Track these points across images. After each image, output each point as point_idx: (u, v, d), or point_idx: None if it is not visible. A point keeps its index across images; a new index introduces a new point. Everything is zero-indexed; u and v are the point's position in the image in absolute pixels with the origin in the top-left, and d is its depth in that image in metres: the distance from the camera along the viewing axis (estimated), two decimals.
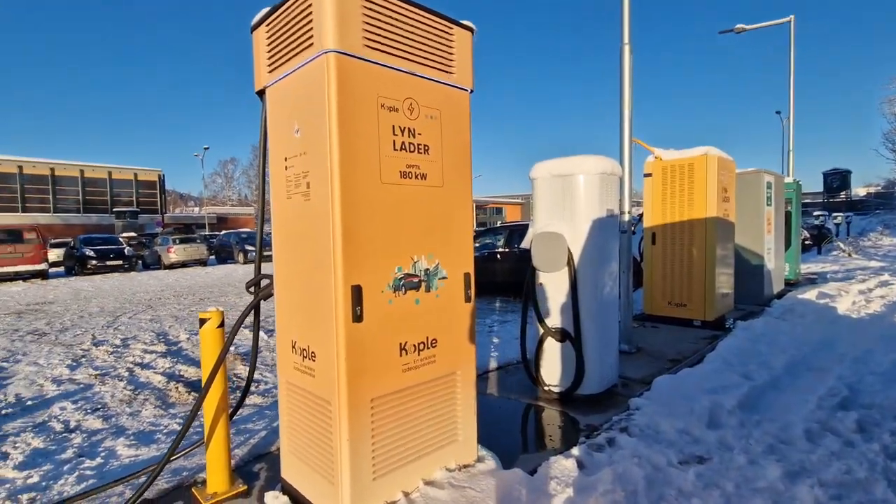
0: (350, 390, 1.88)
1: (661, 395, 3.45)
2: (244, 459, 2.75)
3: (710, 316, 5.71)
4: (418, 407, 2.15)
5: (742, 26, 12.84)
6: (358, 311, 1.88)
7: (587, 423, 3.15)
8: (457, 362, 2.31)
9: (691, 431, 2.93)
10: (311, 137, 1.93)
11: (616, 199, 3.69)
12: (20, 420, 3.85)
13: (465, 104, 2.31)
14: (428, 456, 2.19)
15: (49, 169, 38.86)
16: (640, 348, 4.89)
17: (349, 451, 1.88)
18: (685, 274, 5.85)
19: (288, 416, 2.24)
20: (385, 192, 1.98)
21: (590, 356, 3.49)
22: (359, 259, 1.89)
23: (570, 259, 3.45)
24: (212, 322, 2.33)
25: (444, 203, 2.22)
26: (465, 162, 2.32)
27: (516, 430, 3.16)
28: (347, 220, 1.85)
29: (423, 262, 2.14)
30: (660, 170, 5.96)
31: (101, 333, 7.16)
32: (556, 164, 3.54)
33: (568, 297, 3.51)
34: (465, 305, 2.34)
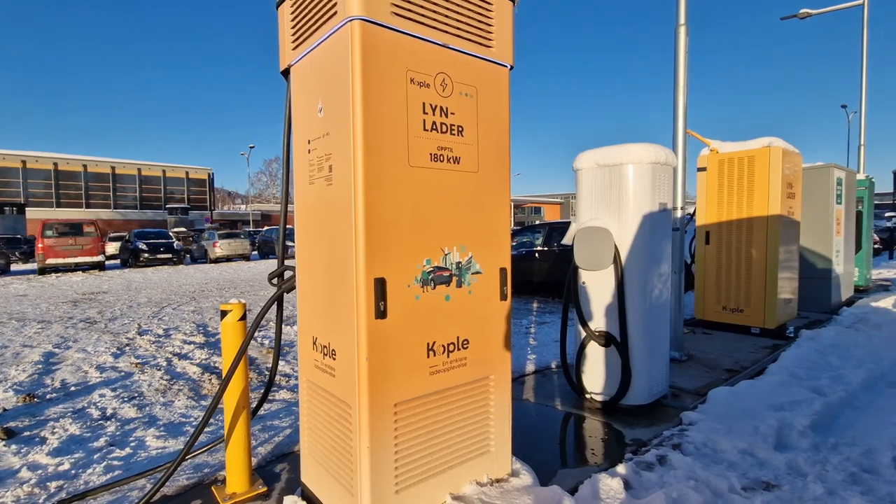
0: (371, 393, 1.71)
1: (719, 410, 3.11)
2: (267, 458, 2.64)
3: (771, 323, 5.22)
4: (447, 414, 1.95)
5: (807, 11, 11.86)
6: (381, 306, 1.71)
7: (634, 438, 2.86)
8: (490, 366, 2.10)
9: (756, 453, 2.59)
10: (334, 116, 1.77)
11: (669, 193, 3.36)
12: (62, 405, 3.93)
13: (505, 82, 2.10)
14: (457, 468, 1.99)
15: (110, 167, 41.34)
16: (692, 356, 4.51)
17: (369, 459, 1.71)
18: (743, 277, 5.37)
19: (308, 418, 2.10)
20: (414, 176, 1.79)
21: (637, 363, 3.19)
22: (383, 249, 1.72)
23: (617, 256, 3.16)
24: (233, 314, 2.22)
25: (478, 190, 2.01)
26: (504, 146, 2.10)
27: (554, 441, 2.91)
28: (371, 205, 1.68)
29: (455, 255, 1.94)
30: (716, 163, 5.50)
31: (146, 323, 7.39)
32: (602, 153, 3.26)
33: (613, 297, 3.22)
34: (500, 304, 2.12)
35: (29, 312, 8.63)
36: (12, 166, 37.90)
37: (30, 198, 37.22)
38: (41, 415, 3.72)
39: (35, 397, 4.12)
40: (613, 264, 3.18)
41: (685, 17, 4.26)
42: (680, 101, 4.31)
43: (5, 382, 4.54)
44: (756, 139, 5.24)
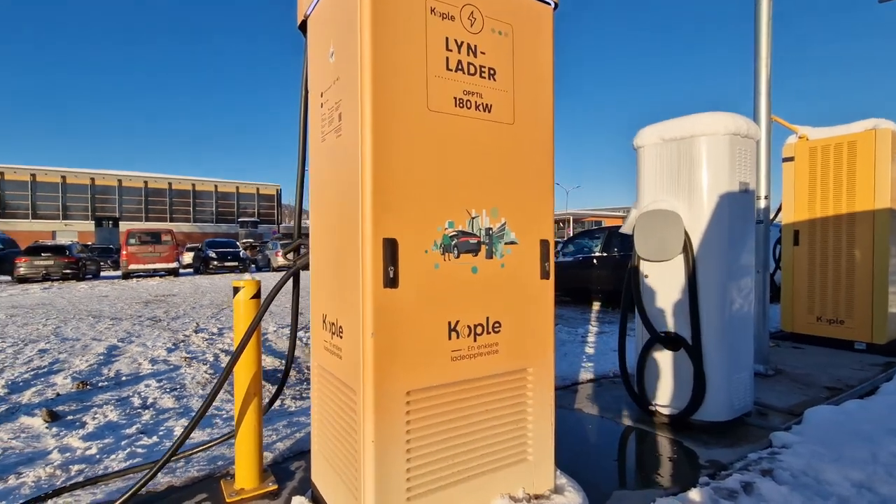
0: (378, 376, 1.43)
1: (821, 432, 2.52)
2: (284, 455, 2.43)
3: (881, 338, 4.39)
4: (474, 410, 1.63)
5: None
6: (391, 272, 1.43)
7: (710, 459, 2.36)
8: (528, 356, 1.75)
9: (877, 488, 2.02)
10: (344, 58, 1.55)
11: (752, 172, 2.85)
12: (110, 393, 4.00)
13: (547, 21, 1.79)
14: (485, 477, 1.65)
15: (191, 185, 44.90)
16: (781, 370, 3.84)
17: (374, 457, 1.42)
18: (843, 283, 4.59)
19: (318, 409, 1.86)
20: (434, 122, 1.52)
21: (713, 371, 2.69)
22: (395, 205, 1.45)
23: (688, 244, 2.70)
24: (246, 291, 2.04)
25: (514, 146, 1.70)
26: (546, 96, 1.78)
27: (610, 457, 2.47)
28: (380, 151, 1.42)
29: (485, 220, 1.64)
30: (805, 152, 4.79)
31: (204, 322, 7.62)
32: (669, 126, 2.83)
33: (683, 293, 2.75)
34: (541, 283, 1.78)
35: (105, 311, 9.24)
36: (110, 185, 42.16)
37: (124, 213, 41.15)
38: (88, 401, 3.79)
39: (88, 384, 4.23)
40: (683, 253, 2.72)
41: None
42: (762, 73, 3.75)
43: (68, 370, 4.73)
44: (856, 122, 4.50)
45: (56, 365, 4.98)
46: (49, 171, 41.03)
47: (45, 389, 4.09)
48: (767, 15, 3.71)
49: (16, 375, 4.52)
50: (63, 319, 8.12)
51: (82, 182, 41.61)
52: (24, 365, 4.95)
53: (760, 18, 3.73)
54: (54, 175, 41.04)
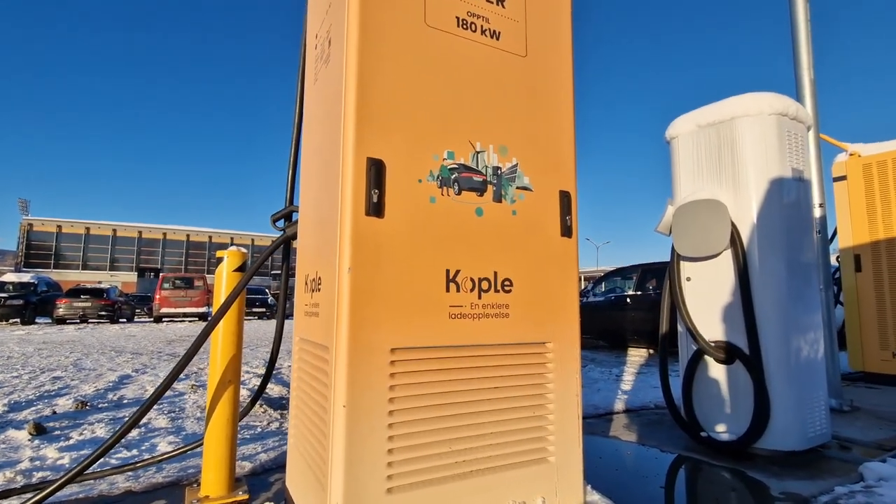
0: (354, 322, 1.14)
1: None
2: (266, 466, 2.09)
3: None
4: (479, 385, 1.30)
5: None
6: (375, 195, 1.19)
7: (785, 491, 1.88)
8: (547, 327, 1.43)
9: None
10: None
11: (805, 160, 2.53)
12: (105, 413, 3.77)
13: None
14: (493, 475, 1.29)
15: (230, 238, 46.75)
16: (858, 407, 3.25)
17: (345, 425, 1.11)
18: None
19: (295, 392, 1.56)
20: (431, 39, 1.33)
21: (779, 389, 2.23)
22: (383, 123, 1.23)
23: (736, 236, 2.35)
24: (229, 262, 1.83)
25: (527, 81, 1.49)
26: (563, 31, 1.58)
27: (655, 484, 2.00)
28: (367, 61, 1.23)
29: (492, 156, 1.40)
30: (859, 169, 4.39)
31: None
32: (705, 111, 2.58)
33: (734, 294, 2.36)
34: (561, 240, 1.49)
35: (129, 347, 9.22)
36: (155, 237, 44.40)
37: (165, 264, 42.92)
38: (82, 419, 3.56)
39: (88, 405, 4.02)
40: (731, 247, 2.37)
41: None
42: (805, 78, 3.49)
43: (74, 393, 4.56)
44: None
45: (64, 389, 4.83)
46: (102, 224, 43.72)
47: (44, 408, 3.90)
48: (805, 17, 3.51)
49: (22, 397, 4.37)
50: (86, 353, 8.11)
51: (130, 235, 44.00)
52: (35, 389, 4.82)
53: (798, 22, 3.53)
54: (106, 228, 43.64)
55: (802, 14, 3.50)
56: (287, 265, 1.98)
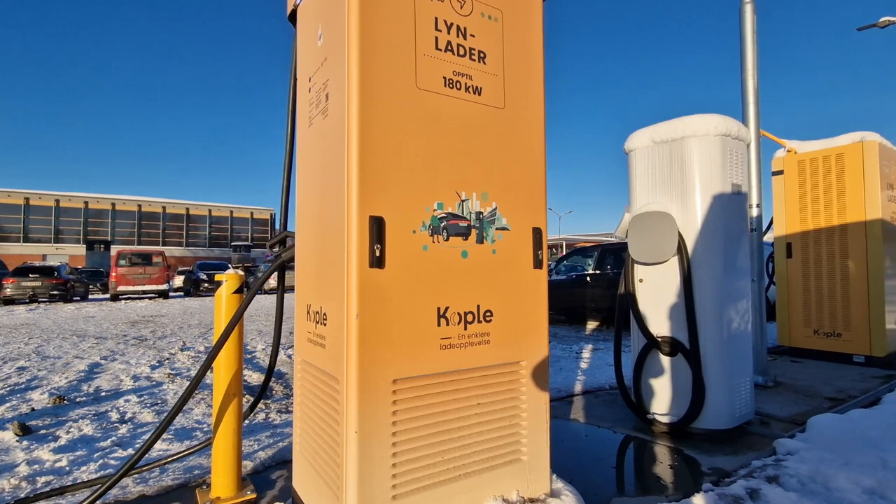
0: (363, 361, 1.34)
1: (827, 439, 2.43)
2: (266, 463, 2.30)
3: (880, 351, 4.33)
4: (464, 403, 1.54)
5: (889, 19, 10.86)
6: (377, 251, 1.37)
7: (713, 466, 2.26)
8: (521, 348, 1.68)
9: (889, 494, 1.93)
10: (331, 37, 1.52)
11: (744, 175, 2.85)
12: (87, 408, 3.83)
13: (537, 8, 1.79)
14: (476, 477, 1.55)
15: (185, 209, 44.84)
16: (780, 382, 3.76)
17: (357, 449, 1.32)
18: (839, 295, 4.56)
19: (300, 406, 1.75)
20: (422, 101, 1.49)
21: (712, 377, 2.60)
22: (382, 183, 1.40)
23: (682, 245, 2.66)
24: (228, 285, 1.96)
25: (505, 130, 1.67)
26: (536, 82, 1.76)
27: (607, 465, 2.35)
28: (367, 126, 1.38)
29: (475, 203, 1.59)
30: (794, 165, 4.83)
31: (190, 341, 7.44)
32: (659, 129, 2.83)
33: (679, 296, 2.69)
34: (533, 272, 1.72)
35: (90, 330, 9.02)
36: (103, 208, 42.01)
37: (116, 236, 40.88)
38: (64, 415, 3.62)
39: (66, 400, 4.06)
40: (678, 255, 2.68)
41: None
42: (749, 85, 3.80)
43: (46, 387, 4.55)
44: (844, 135, 4.56)
45: (34, 382, 4.79)
46: (43, 194, 40.90)
47: (20, 405, 3.92)
48: (752, 28, 3.79)
49: None
50: (46, 339, 7.90)
51: (75, 206, 41.45)
52: (1, 382, 4.76)
53: (745, 33, 3.81)
54: (48, 199, 40.89)
55: (750, 26, 3.77)
56: (282, 286, 2.13)
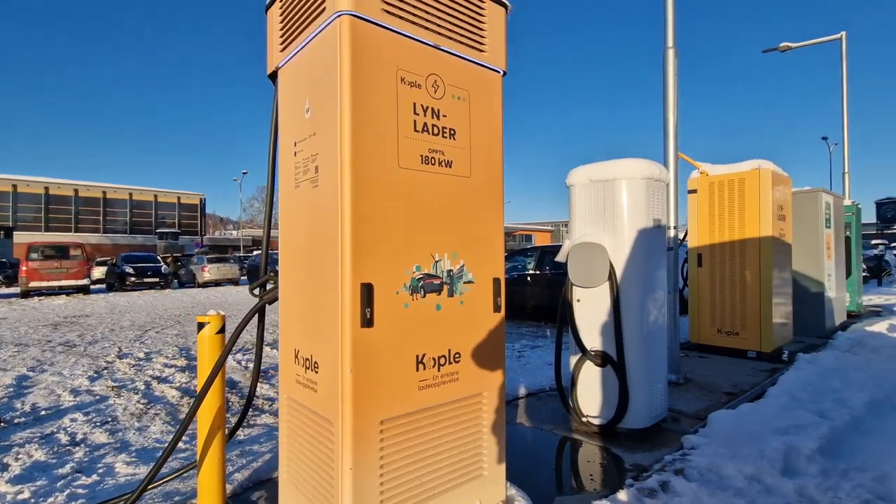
0: (356, 408, 1.58)
1: (722, 433, 2.98)
2: (244, 485, 2.46)
3: (768, 347, 5.14)
4: (437, 433, 1.82)
5: (788, 44, 12.29)
6: (368, 313, 1.60)
7: (634, 463, 2.72)
8: (483, 382, 1.98)
9: (763, 478, 2.46)
10: (321, 115, 1.71)
11: (664, 209, 3.32)
12: (29, 430, 3.70)
13: (497, 87, 2.06)
14: (447, 493, 1.84)
15: (101, 192, 41.13)
16: (690, 379, 4.39)
17: (352, 482, 1.57)
18: (737, 300, 5.32)
19: (288, 439, 1.95)
20: (403, 178, 1.72)
21: (635, 384, 3.07)
22: (370, 253, 1.63)
23: (613, 273, 3.09)
24: (211, 327, 2.09)
25: (471, 196, 1.94)
26: (496, 152, 2.05)
27: (550, 466, 2.75)
28: (358, 205, 1.59)
29: (446, 262, 1.85)
30: (706, 186, 5.52)
31: (127, 346, 7.13)
32: (596, 169, 3.23)
33: (609, 315, 3.13)
34: (493, 316, 2.02)
35: (6, 336, 8.32)
36: (3, 190, 37.58)
37: (19, 222, 36.77)
38: (6, 440, 3.49)
39: (2, 421, 3.88)
40: (608, 281, 3.10)
41: (673, 40, 4.34)
42: (670, 120, 4.34)
43: None
44: (745, 161, 5.28)
45: None
46: None
47: None
48: (674, 71, 4.30)
49: None
50: None
51: None
52: None
53: (668, 75, 4.32)
54: None
55: (672, 69, 4.28)
56: (262, 325, 2.28)
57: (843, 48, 11.51)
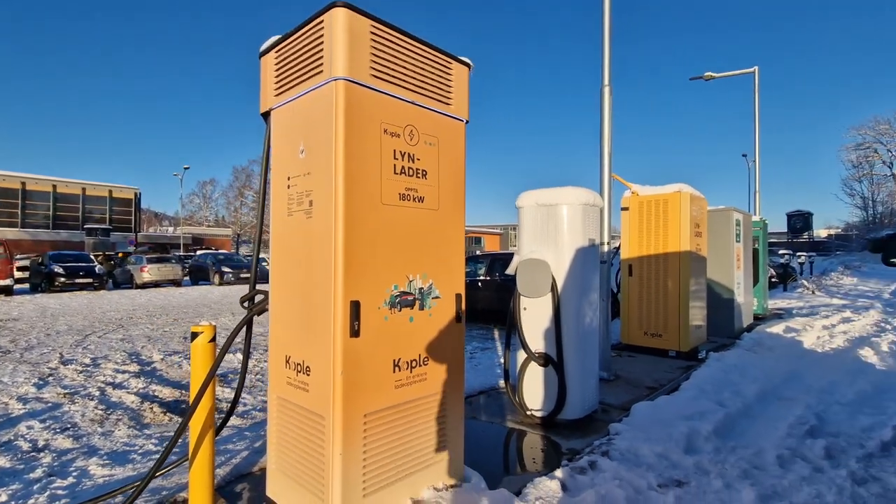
0: (345, 404, 1.91)
1: (640, 421, 3.54)
2: (225, 479, 2.69)
3: (685, 347, 5.89)
4: (409, 424, 2.18)
5: (710, 74, 13.71)
6: (356, 325, 1.94)
7: (569, 447, 3.20)
8: (446, 381, 2.37)
9: (669, 456, 3.01)
10: (315, 158, 2.03)
11: (598, 230, 3.86)
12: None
13: (461, 133, 2.45)
14: (417, 474, 2.21)
15: (20, 183, 37.75)
16: (619, 376, 5.00)
17: (341, 466, 1.90)
18: (661, 305, 6.04)
19: (277, 433, 2.24)
20: (385, 213, 2.07)
21: (572, 382, 3.58)
22: (358, 275, 1.97)
23: (554, 285, 3.58)
24: (204, 336, 2.33)
25: (439, 225, 2.32)
26: (460, 187, 2.44)
27: (499, 453, 3.18)
28: (349, 237, 1.93)
29: (418, 281, 2.22)
30: (636, 204, 6.23)
31: (69, 352, 6.90)
32: (541, 194, 3.71)
33: (551, 322, 3.61)
34: (455, 325, 2.41)
35: None
36: None
37: None
38: None
39: None
40: (551, 292, 3.59)
41: (609, 79, 4.94)
42: (605, 149, 4.93)
43: None
44: (669, 185, 6.02)
45: None
46: None
47: None
48: (608, 106, 4.90)
49: None
50: None
51: None
52: None
53: (604, 110, 4.92)
54: None
55: (607, 104, 4.88)
56: (249, 335, 2.53)
57: (755, 80, 13.01)
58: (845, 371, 5.17)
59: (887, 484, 2.75)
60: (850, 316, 9.01)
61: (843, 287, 16.73)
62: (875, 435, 3.36)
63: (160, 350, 7.00)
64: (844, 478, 2.76)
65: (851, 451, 3.14)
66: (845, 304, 11.36)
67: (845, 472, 2.84)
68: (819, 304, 11.71)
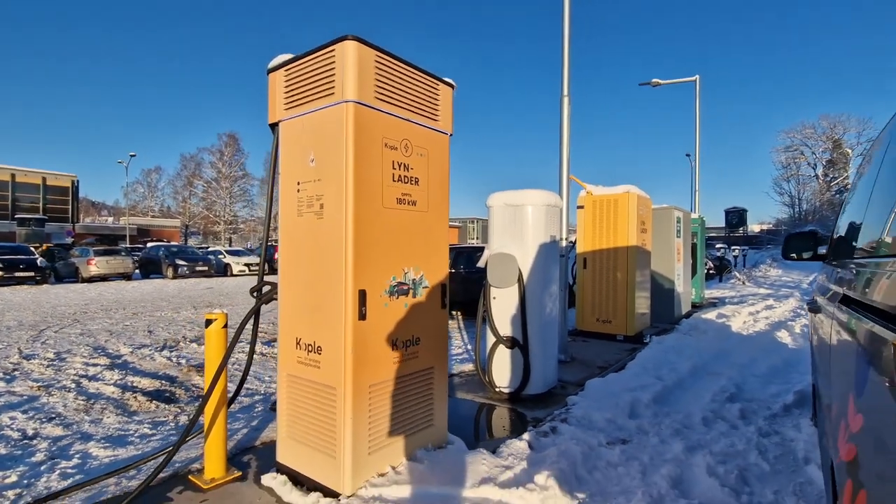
0: (354, 377, 2.28)
1: (593, 394, 4.08)
2: (232, 452, 2.97)
3: (631, 332, 6.57)
4: (405, 394, 2.57)
5: (657, 81, 14.73)
6: (363, 311, 2.30)
7: (533, 417, 3.69)
8: (434, 358, 2.77)
9: (616, 420, 3.55)
10: (326, 167, 2.35)
11: (558, 227, 4.36)
12: None
13: (446, 145, 2.84)
14: (410, 437, 2.60)
15: None
16: (574, 358, 5.58)
17: (352, 428, 2.26)
18: (611, 295, 6.69)
19: (288, 406, 2.57)
20: (385, 215, 2.43)
21: (535, 362, 4.07)
22: (364, 268, 2.32)
23: (521, 277, 4.04)
24: (217, 323, 2.61)
25: (428, 225, 2.70)
26: (445, 192, 2.83)
27: (474, 422, 3.62)
28: (357, 236, 2.28)
29: (412, 273, 2.60)
30: (591, 203, 6.83)
31: (27, 347, 6.75)
32: (508, 195, 4.16)
33: (517, 310, 4.08)
34: (441, 311, 2.81)
35: None
36: None
37: None
38: None
39: None
40: (518, 283, 4.05)
41: (568, 89, 5.45)
42: (564, 154, 5.45)
43: None
44: (619, 186, 6.65)
45: None
46: None
47: None
48: (567, 116, 5.42)
49: None
50: None
51: None
52: None
53: (563, 118, 5.43)
54: None
55: (566, 113, 5.39)
56: (257, 321, 2.82)
57: (696, 88, 14.12)
58: (763, 350, 5.99)
59: (785, 436, 3.41)
60: (773, 304, 10.15)
61: (770, 278, 18.47)
62: (780, 399, 4.07)
63: (126, 344, 6.97)
64: (753, 432, 3.40)
65: (760, 413, 3.81)
66: (770, 294, 12.67)
67: (754, 427, 3.48)
68: (748, 293, 12.99)
